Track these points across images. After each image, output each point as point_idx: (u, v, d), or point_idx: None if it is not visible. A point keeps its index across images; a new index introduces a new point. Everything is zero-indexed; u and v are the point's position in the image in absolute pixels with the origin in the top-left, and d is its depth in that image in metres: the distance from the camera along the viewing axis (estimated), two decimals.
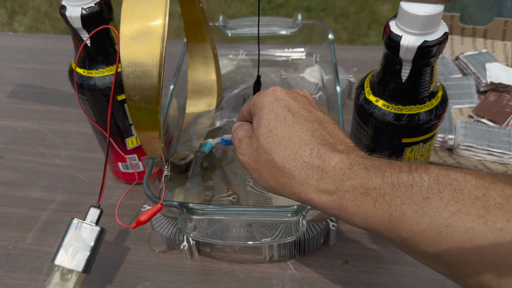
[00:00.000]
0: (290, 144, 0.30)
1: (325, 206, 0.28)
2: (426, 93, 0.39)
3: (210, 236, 0.43)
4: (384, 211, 0.25)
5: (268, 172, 0.31)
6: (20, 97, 0.71)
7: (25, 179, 0.59)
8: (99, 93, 0.45)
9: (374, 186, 0.26)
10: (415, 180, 0.25)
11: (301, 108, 0.32)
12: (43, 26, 1.92)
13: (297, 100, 0.33)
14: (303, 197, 0.29)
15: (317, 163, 0.29)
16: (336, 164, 0.28)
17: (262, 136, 0.31)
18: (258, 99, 0.33)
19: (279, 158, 0.30)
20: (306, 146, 0.29)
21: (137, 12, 0.32)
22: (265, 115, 0.32)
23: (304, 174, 0.29)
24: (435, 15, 0.35)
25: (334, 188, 0.28)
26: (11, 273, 0.48)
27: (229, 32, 0.67)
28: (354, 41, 1.74)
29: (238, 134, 0.35)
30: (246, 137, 0.33)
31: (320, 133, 0.30)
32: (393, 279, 0.46)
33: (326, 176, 0.28)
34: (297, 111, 0.32)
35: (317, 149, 0.29)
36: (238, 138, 0.34)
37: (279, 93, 0.33)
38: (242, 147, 0.33)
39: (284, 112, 0.31)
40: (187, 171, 0.52)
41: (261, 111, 0.32)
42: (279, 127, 0.31)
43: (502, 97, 0.60)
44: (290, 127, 0.31)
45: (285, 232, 0.42)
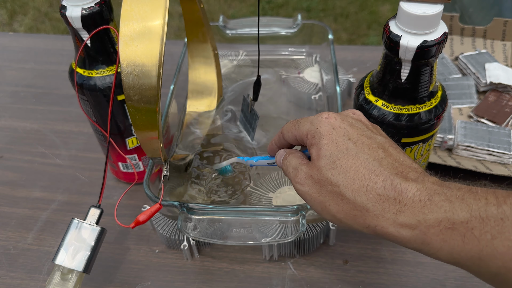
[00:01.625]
0: (358, 176, 0.28)
1: (405, 240, 0.27)
2: (426, 93, 0.39)
3: (210, 236, 0.43)
4: (473, 246, 0.25)
5: (336, 205, 0.29)
6: (21, 97, 0.71)
7: (25, 179, 0.59)
8: (99, 93, 0.45)
9: (461, 220, 0.25)
10: (505, 213, 0.24)
11: (361, 135, 0.31)
12: (44, 26, 1.92)
13: (354, 126, 0.31)
14: (379, 231, 0.28)
15: (392, 195, 0.27)
16: (414, 196, 0.27)
17: (324, 167, 0.30)
18: (313, 129, 0.31)
19: (348, 191, 0.28)
20: (376, 177, 0.28)
21: (137, 12, 0.32)
22: (325, 145, 0.30)
23: (379, 207, 0.27)
24: (435, 15, 0.35)
25: (415, 222, 0.26)
26: (12, 273, 0.49)
27: (229, 32, 0.67)
28: (354, 41, 1.74)
29: (291, 162, 0.33)
30: (303, 165, 0.32)
31: (387, 161, 0.29)
32: (393, 279, 0.46)
33: (404, 209, 0.27)
34: (358, 139, 0.30)
35: (389, 180, 0.28)
36: (293, 166, 0.33)
37: (334, 121, 0.31)
38: (299, 176, 0.31)
39: (345, 142, 0.30)
40: (187, 171, 0.52)
41: (320, 141, 0.31)
42: (342, 158, 0.29)
43: (501, 97, 0.60)
44: (355, 158, 0.29)
45: (285, 232, 0.42)
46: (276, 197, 0.50)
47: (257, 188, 0.51)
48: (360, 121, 0.33)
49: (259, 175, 0.52)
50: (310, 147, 0.32)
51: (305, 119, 0.33)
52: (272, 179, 0.52)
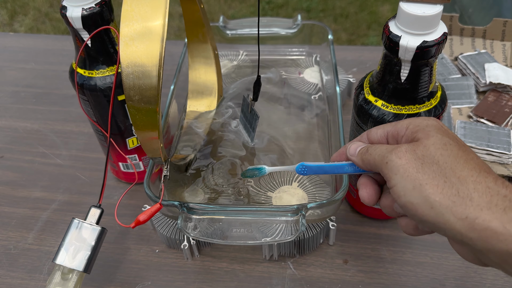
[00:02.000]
0: (468, 166, 0.27)
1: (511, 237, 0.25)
2: (425, 93, 0.40)
3: (210, 235, 0.43)
4: None
5: (435, 187, 0.27)
6: (21, 97, 0.72)
7: (25, 179, 0.59)
8: (100, 93, 0.45)
9: None
10: None
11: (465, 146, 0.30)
12: (44, 27, 1.92)
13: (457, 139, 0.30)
14: (479, 224, 0.25)
15: (503, 192, 0.26)
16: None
17: (434, 146, 0.28)
18: (417, 122, 0.30)
19: (455, 175, 0.27)
20: (486, 173, 0.27)
21: (137, 12, 0.32)
22: (434, 130, 0.29)
23: (486, 199, 0.26)
24: (434, 15, 0.35)
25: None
26: (12, 273, 0.49)
27: (229, 33, 0.67)
28: (353, 42, 1.74)
29: (378, 147, 0.31)
30: (402, 145, 0.29)
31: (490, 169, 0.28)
32: (393, 279, 0.46)
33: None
34: (464, 144, 0.29)
35: (501, 180, 0.26)
36: (386, 148, 0.30)
37: (438, 122, 0.30)
38: (399, 150, 0.29)
39: (455, 137, 0.29)
40: (187, 171, 0.52)
41: (427, 128, 0.30)
42: (454, 146, 0.28)
43: (501, 97, 0.60)
44: (465, 151, 0.28)
45: (285, 232, 0.43)
46: (276, 197, 0.50)
47: (257, 188, 0.51)
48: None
49: None
50: (412, 134, 0.30)
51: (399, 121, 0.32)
52: (272, 179, 0.52)
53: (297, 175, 0.52)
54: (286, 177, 0.52)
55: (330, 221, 0.47)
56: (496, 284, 0.45)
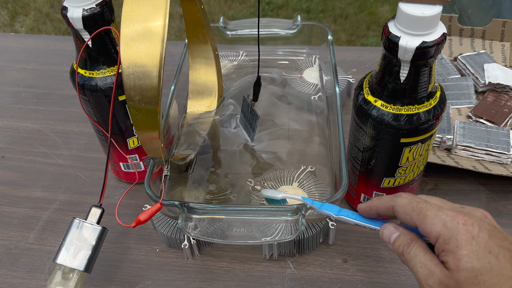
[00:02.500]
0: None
1: None
2: (425, 93, 0.40)
3: (210, 235, 0.44)
4: None
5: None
6: (22, 97, 0.72)
7: (26, 178, 0.59)
8: (101, 93, 0.46)
9: None
10: None
11: (501, 248, 0.29)
12: (45, 27, 1.93)
13: (492, 236, 0.29)
14: None
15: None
16: None
17: (465, 282, 0.28)
18: (447, 233, 0.30)
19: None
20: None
21: (138, 13, 0.33)
22: (465, 257, 0.28)
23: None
24: (434, 16, 0.35)
25: None
26: (13, 272, 0.49)
27: (229, 33, 0.67)
28: (353, 42, 1.74)
29: (418, 255, 0.31)
30: (437, 268, 0.30)
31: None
32: (392, 278, 0.46)
33: None
34: (499, 253, 0.29)
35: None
36: (422, 262, 0.31)
37: (472, 229, 0.29)
38: (432, 279, 0.30)
39: (486, 255, 0.28)
40: (187, 171, 0.52)
41: (458, 251, 0.29)
42: (485, 274, 0.28)
43: (500, 98, 0.61)
44: (499, 275, 0.28)
45: (285, 231, 0.43)
46: None
47: (257, 187, 0.51)
48: (495, 228, 0.31)
49: (259, 174, 0.52)
50: (442, 253, 0.30)
51: (434, 214, 0.31)
52: (271, 178, 0.52)
53: (297, 175, 0.52)
54: (286, 177, 0.52)
55: (330, 221, 0.47)
56: None
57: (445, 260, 0.30)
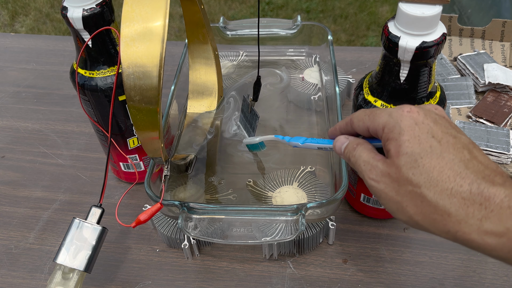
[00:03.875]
0: (442, 178, 0.27)
1: (490, 248, 0.26)
2: (425, 93, 0.40)
3: (210, 235, 0.44)
4: None
5: (414, 207, 0.28)
6: (22, 97, 0.72)
7: (27, 178, 0.59)
8: (101, 93, 0.46)
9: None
10: None
11: (445, 134, 0.29)
12: (45, 27, 1.93)
13: (437, 123, 0.29)
14: (460, 237, 0.26)
15: (478, 200, 0.26)
16: (502, 201, 0.25)
17: (405, 166, 0.28)
18: (392, 121, 0.30)
19: (431, 193, 0.27)
20: (462, 180, 0.27)
21: (138, 13, 0.33)
22: (406, 142, 0.28)
23: (462, 212, 0.26)
24: (434, 16, 0.35)
25: (503, 229, 0.25)
26: (13, 272, 0.49)
27: (229, 33, 0.67)
28: (353, 42, 1.74)
29: (361, 154, 0.32)
30: (378, 162, 0.30)
31: (473, 163, 0.27)
32: (392, 278, 0.46)
33: (491, 215, 0.25)
34: (443, 138, 0.28)
35: (476, 184, 0.26)
36: (364, 159, 0.31)
37: (417, 116, 0.29)
38: (374, 172, 0.30)
39: (428, 139, 0.28)
40: (187, 171, 0.52)
41: (400, 137, 0.29)
42: (425, 157, 0.28)
43: (500, 98, 0.61)
44: (439, 158, 0.27)
45: (285, 231, 0.43)
46: (276, 197, 0.50)
47: (257, 187, 0.51)
48: (443, 117, 0.31)
49: (259, 174, 0.53)
50: (387, 142, 0.30)
51: (382, 110, 0.31)
52: (272, 178, 0.52)
53: (297, 175, 0.52)
54: (286, 177, 0.52)
55: (330, 221, 0.47)
56: (495, 283, 0.45)
57: (388, 148, 0.30)
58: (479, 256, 0.47)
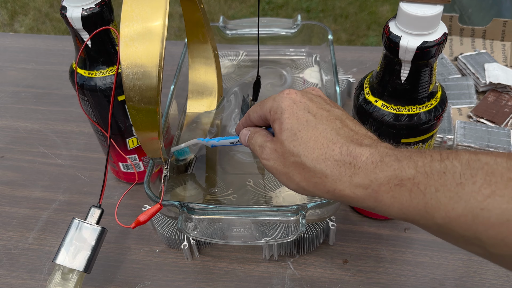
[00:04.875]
0: (317, 145, 0.30)
1: (361, 199, 0.29)
2: (425, 93, 0.40)
3: (210, 235, 0.43)
4: (420, 200, 0.26)
5: (299, 174, 0.31)
6: (21, 97, 0.72)
7: (26, 179, 0.59)
8: (100, 93, 0.46)
9: (408, 177, 0.27)
10: (447, 167, 0.25)
11: (320, 109, 0.33)
12: (44, 27, 1.92)
13: (313, 101, 0.33)
14: (338, 194, 0.30)
15: (348, 160, 0.29)
16: (367, 159, 0.29)
17: (286, 140, 0.32)
18: (275, 104, 0.33)
19: (309, 160, 0.30)
20: (334, 145, 0.30)
21: (137, 13, 0.32)
22: (286, 119, 0.32)
23: (336, 172, 0.29)
24: (434, 15, 0.35)
25: (368, 181, 0.28)
26: (12, 273, 0.49)
27: (229, 33, 0.67)
28: (353, 42, 1.74)
29: (257, 140, 0.35)
30: (268, 142, 0.34)
31: (344, 131, 0.31)
32: (392, 278, 0.46)
33: (358, 171, 0.29)
34: (317, 112, 0.32)
35: (345, 147, 0.30)
36: (258, 144, 0.35)
37: (295, 96, 0.33)
38: (265, 152, 0.33)
39: (305, 115, 0.32)
40: (187, 171, 0.52)
41: (282, 116, 0.32)
42: (303, 130, 0.31)
43: (501, 97, 0.60)
44: (314, 129, 0.31)
45: (285, 232, 0.43)
46: (276, 197, 0.50)
47: (257, 187, 0.51)
48: (319, 96, 0.35)
49: (259, 174, 0.52)
50: (273, 123, 0.33)
51: (268, 98, 0.35)
52: (272, 178, 0.52)
53: None
54: None
55: (330, 221, 0.47)
56: (495, 284, 0.45)
57: (274, 128, 0.33)
58: (480, 257, 0.47)
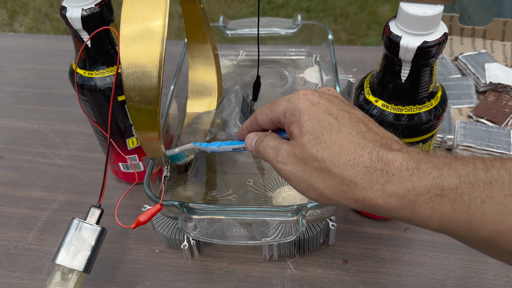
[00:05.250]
0: (343, 150, 0.29)
1: (395, 210, 0.27)
2: (426, 93, 0.40)
3: (210, 235, 0.43)
4: (463, 212, 0.24)
5: (323, 182, 0.29)
6: (21, 97, 0.72)
7: (26, 179, 0.59)
8: (100, 93, 0.45)
9: (451, 186, 0.25)
10: (494, 177, 0.24)
11: (341, 111, 0.31)
12: (44, 27, 1.92)
13: (332, 102, 0.31)
14: (368, 203, 0.28)
15: (379, 167, 0.27)
16: (401, 165, 0.27)
17: (308, 144, 0.29)
18: (291, 106, 0.31)
19: (335, 166, 0.28)
20: (362, 150, 0.28)
21: (137, 13, 0.32)
22: (307, 121, 0.30)
23: (367, 180, 0.27)
24: (435, 15, 0.35)
25: (403, 190, 0.26)
26: (12, 273, 0.49)
27: (229, 33, 0.67)
28: (353, 42, 1.74)
29: (269, 143, 0.33)
30: (284, 144, 0.31)
31: (370, 134, 0.29)
32: (393, 279, 0.46)
33: (392, 179, 0.27)
34: (339, 114, 0.30)
35: (375, 152, 0.28)
36: (272, 146, 0.32)
37: (312, 97, 0.31)
38: (281, 155, 0.31)
39: (326, 117, 0.30)
40: (187, 171, 0.52)
41: (301, 118, 0.30)
42: (326, 133, 0.29)
43: (501, 97, 0.60)
44: (338, 132, 0.29)
45: (285, 232, 0.43)
46: (276, 197, 0.50)
47: (257, 187, 0.51)
48: (336, 97, 0.33)
49: (259, 174, 0.52)
50: (289, 125, 0.31)
51: (280, 99, 0.33)
52: (272, 179, 0.52)
53: None
54: None
55: (330, 221, 0.47)
56: (496, 284, 0.45)
57: (291, 130, 0.31)
58: (480, 257, 0.47)
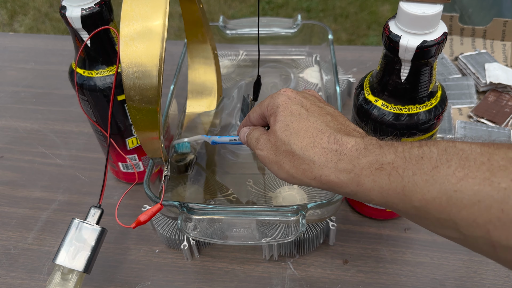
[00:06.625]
0: (307, 135, 0.32)
1: (344, 184, 0.30)
2: (425, 93, 0.40)
3: (210, 235, 0.43)
4: (398, 183, 0.27)
5: (289, 162, 0.33)
6: (21, 97, 0.71)
7: (25, 179, 0.59)
8: (100, 93, 0.45)
9: (388, 161, 0.28)
10: (425, 152, 0.27)
11: (313, 105, 0.35)
12: (44, 27, 1.92)
13: (307, 98, 0.36)
14: (324, 180, 0.31)
15: (334, 148, 0.31)
16: (352, 146, 0.30)
17: (279, 130, 0.34)
18: (272, 101, 0.36)
19: (298, 148, 0.32)
20: (322, 134, 0.32)
21: (137, 12, 0.32)
22: (281, 112, 0.34)
23: (323, 159, 0.31)
24: (434, 15, 0.35)
25: (351, 166, 0.30)
26: (12, 273, 0.49)
27: (229, 33, 0.67)
28: (353, 42, 1.74)
29: (254, 134, 0.37)
30: (264, 134, 0.36)
31: (334, 123, 0.33)
32: (393, 279, 0.46)
33: (343, 158, 0.30)
34: (310, 107, 0.34)
35: (333, 136, 0.32)
36: (255, 137, 0.37)
37: (290, 93, 0.36)
38: (260, 143, 0.36)
39: (298, 108, 0.34)
40: (187, 171, 0.52)
41: (277, 110, 0.35)
42: (295, 121, 0.33)
43: (501, 97, 0.60)
44: (306, 120, 0.33)
45: (285, 232, 0.43)
46: (276, 197, 0.50)
47: (257, 187, 0.51)
48: (314, 96, 0.37)
49: (259, 174, 0.52)
50: (269, 118, 0.36)
51: (267, 97, 0.37)
52: (272, 179, 0.52)
53: None
54: None
55: (330, 221, 0.47)
56: (496, 284, 0.45)
57: (270, 121, 0.36)
58: (480, 257, 0.47)
